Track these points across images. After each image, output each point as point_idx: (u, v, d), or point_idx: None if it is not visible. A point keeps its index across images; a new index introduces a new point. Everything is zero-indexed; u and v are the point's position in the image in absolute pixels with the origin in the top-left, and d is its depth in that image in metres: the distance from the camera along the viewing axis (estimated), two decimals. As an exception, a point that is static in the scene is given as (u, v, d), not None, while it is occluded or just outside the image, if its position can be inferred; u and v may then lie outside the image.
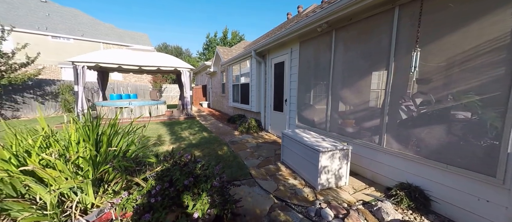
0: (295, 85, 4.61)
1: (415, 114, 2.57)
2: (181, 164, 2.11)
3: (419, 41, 2.24)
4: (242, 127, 6.17)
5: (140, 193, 1.70)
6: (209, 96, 14.57)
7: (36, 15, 21.75)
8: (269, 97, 5.96)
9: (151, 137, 5.73)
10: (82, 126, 1.96)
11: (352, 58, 3.26)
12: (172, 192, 1.67)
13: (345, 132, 3.43)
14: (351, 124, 3.38)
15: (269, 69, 5.85)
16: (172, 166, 1.96)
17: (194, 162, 2.24)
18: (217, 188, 1.89)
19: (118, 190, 1.80)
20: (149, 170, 1.96)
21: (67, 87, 11.59)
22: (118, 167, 1.78)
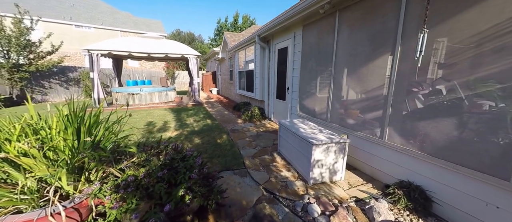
0: (298, 73, 4.35)
1: (421, 105, 2.27)
2: (161, 154, 2.08)
3: (428, 21, 1.90)
4: (245, 115, 6.09)
5: (115, 183, 1.70)
6: (218, 83, 14.58)
7: (62, 6, 22.83)
8: (273, 85, 5.75)
9: (156, 123, 5.90)
10: (63, 116, 1.96)
11: (355, 42, 2.94)
12: (147, 183, 1.64)
13: (346, 123, 3.19)
14: (352, 114, 3.12)
15: (273, 56, 5.59)
16: (151, 157, 1.93)
17: (178, 151, 2.20)
18: (195, 180, 1.84)
19: (95, 179, 1.82)
20: (127, 160, 1.96)
21: (87, 73, 12.24)
22: (92, 157, 1.77)
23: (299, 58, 4.27)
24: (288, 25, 4.45)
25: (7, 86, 9.48)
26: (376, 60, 2.72)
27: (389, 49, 2.49)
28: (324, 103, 3.61)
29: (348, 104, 3.19)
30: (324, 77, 3.59)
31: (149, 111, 7.73)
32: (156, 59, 9.52)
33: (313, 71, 3.90)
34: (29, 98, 2.12)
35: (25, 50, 9.64)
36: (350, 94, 3.17)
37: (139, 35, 9.29)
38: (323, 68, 3.61)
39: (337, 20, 3.22)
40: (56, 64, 10.68)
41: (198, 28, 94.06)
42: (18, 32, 8.91)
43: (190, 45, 33.13)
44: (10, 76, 9.22)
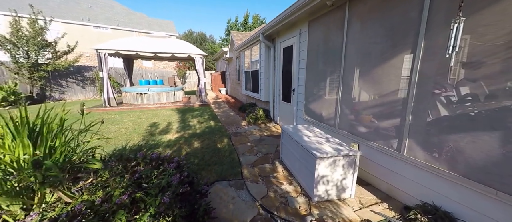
0: (303, 73, 3.97)
1: (451, 114, 1.84)
2: (136, 168, 1.83)
3: (464, 8, 1.48)
4: (249, 117, 5.80)
5: (62, 211, 1.35)
6: (227, 83, 14.43)
7: (80, 7, 23.85)
8: (278, 86, 5.40)
9: (160, 124, 5.78)
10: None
11: (368, 38, 2.53)
12: (106, 209, 1.37)
13: (357, 131, 2.78)
14: (364, 121, 2.71)
15: (278, 55, 5.23)
16: (116, 175, 1.67)
17: (155, 165, 1.94)
18: (168, 204, 1.55)
19: (47, 203, 1.50)
20: (84, 181, 1.67)
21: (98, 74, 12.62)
22: (28, 177, 1.42)
23: (305, 57, 3.89)
24: (293, 20, 4.07)
25: (28, 85, 9.91)
26: (392, 59, 2.30)
27: (409, 46, 2.07)
28: (332, 108, 3.21)
29: (359, 109, 2.78)
30: (332, 79, 3.20)
31: (156, 111, 7.68)
32: (163, 59, 9.51)
33: (320, 71, 3.51)
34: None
35: (45, 50, 10.01)
36: (361, 98, 2.76)
37: (147, 35, 9.31)
38: (331, 68, 3.21)
39: (346, 13, 2.81)
40: (72, 63, 11.03)
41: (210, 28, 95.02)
42: (33, 32, 9.23)
43: (202, 45, 33.41)
44: (30, 75, 9.62)
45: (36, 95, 10.46)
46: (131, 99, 8.84)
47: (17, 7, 10.73)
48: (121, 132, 5.07)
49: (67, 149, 1.78)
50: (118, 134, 4.91)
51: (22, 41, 9.06)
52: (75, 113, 7.17)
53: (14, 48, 8.93)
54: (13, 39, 8.88)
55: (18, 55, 9.17)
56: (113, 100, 8.21)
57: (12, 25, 8.80)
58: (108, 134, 4.95)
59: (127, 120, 6.34)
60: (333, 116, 3.17)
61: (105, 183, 1.56)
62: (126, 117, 6.77)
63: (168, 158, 2.43)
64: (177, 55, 8.56)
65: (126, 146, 4.16)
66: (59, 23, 20.86)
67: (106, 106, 8.01)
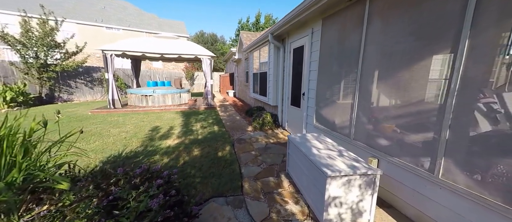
0: (315, 76, 3.61)
1: (505, 128, 1.43)
2: (104, 192, 1.53)
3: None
4: (256, 122, 5.47)
5: None
6: (235, 85, 14.21)
7: (94, 8, 24.54)
8: (287, 90, 5.04)
9: (161, 128, 5.58)
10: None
11: (392, 36, 2.14)
12: None
13: (376, 144, 2.38)
14: (385, 131, 2.31)
15: (288, 56, 4.89)
16: (81, 199, 1.38)
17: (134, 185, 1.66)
18: None
19: None
20: (47, 205, 1.36)
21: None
22: None
23: (317, 58, 3.53)
24: (305, 19, 3.73)
25: (37, 86, 10.05)
26: (423, 61, 1.90)
27: (448, 45, 1.68)
28: (346, 115, 2.83)
29: (379, 117, 2.38)
30: (347, 82, 2.82)
31: (160, 114, 7.53)
32: (170, 60, 9.42)
33: (333, 74, 3.13)
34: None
35: (54, 50, 10.12)
36: (382, 105, 2.36)
37: (154, 35, 9.24)
38: (346, 71, 2.83)
39: (367, 9, 2.44)
40: (80, 64, 11.13)
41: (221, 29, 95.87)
42: (42, 33, 9.32)
43: (213, 46, 33.56)
44: (39, 75, 9.76)
45: (45, 96, 10.64)
46: (136, 101, 8.78)
47: (29, 7, 11.02)
48: (121, 136, 4.88)
49: (31, 166, 1.53)
50: (117, 138, 4.72)
51: (31, 41, 9.16)
52: (72, 114, 7.23)
53: (23, 48, 9.05)
54: (23, 40, 8.99)
55: (28, 55, 9.28)
56: (118, 102, 8.16)
57: (22, 26, 8.92)
58: (108, 137, 4.78)
59: (129, 123, 6.19)
60: (348, 125, 2.78)
61: (68, 208, 1.28)
62: (129, 120, 6.63)
63: (157, 171, 2.16)
64: (184, 56, 8.41)
65: (122, 152, 3.94)
66: (73, 24, 21.52)
67: (111, 108, 7.95)
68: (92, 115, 7.28)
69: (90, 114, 7.49)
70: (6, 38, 8.70)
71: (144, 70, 15.84)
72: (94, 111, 7.70)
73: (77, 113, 7.72)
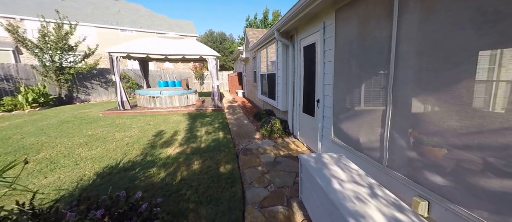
0: (330, 79, 3.03)
1: None
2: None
3: None
4: (264, 129, 4.97)
5: None
6: (243, 85, 13.75)
7: (109, 12, 25.28)
8: (298, 94, 4.48)
9: (165, 133, 5.25)
10: None
11: (441, 27, 1.53)
12: None
13: (425, 178, 1.76)
14: (439, 161, 1.71)
15: (298, 55, 4.31)
16: None
17: None
18: None
19: None
20: None
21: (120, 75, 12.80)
22: None
23: (332, 58, 2.94)
24: (314, 11, 3.14)
25: (56, 87, 10.30)
26: (497, 57, 1.30)
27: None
28: (375, 132, 2.24)
29: (429, 142, 1.77)
30: (374, 89, 2.23)
31: (166, 116, 7.25)
32: (175, 60, 9.15)
33: (353, 77, 2.54)
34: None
35: (68, 53, 10.28)
36: (431, 119, 1.74)
37: (159, 35, 8.99)
38: (371, 74, 2.25)
39: (402, -6, 1.84)
40: (93, 66, 11.26)
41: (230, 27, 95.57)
42: (56, 37, 9.46)
43: (221, 45, 33.32)
44: (57, 77, 9.96)
45: (64, 97, 10.88)
46: (145, 102, 8.60)
47: (44, 13, 11.21)
48: (123, 142, 4.63)
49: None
50: (119, 144, 4.48)
51: (47, 45, 9.35)
52: (85, 116, 7.11)
53: (40, 52, 9.24)
54: (40, 44, 9.19)
55: (45, 59, 9.50)
56: (127, 104, 8.01)
57: (40, 31, 9.10)
58: (111, 143, 4.57)
59: (135, 126, 5.97)
60: (378, 146, 2.19)
61: None
62: (136, 122, 6.43)
63: (137, 200, 1.74)
64: (188, 57, 8.07)
65: (120, 162, 3.64)
66: (92, 28, 22.28)
67: (120, 110, 7.82)
68: (103, 117, 7.20)
69: (101, 115, 7.41)
70: (25, 43, 8.89)
71: (155, 70, 15.87)
72: (105, 112, 7.61)
73: (90, 114, 7.69)
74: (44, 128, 5.78)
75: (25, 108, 8.04)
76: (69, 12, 21.82)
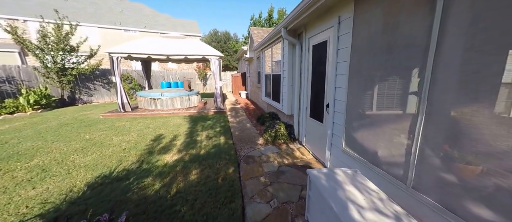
0: (344, 82, 2.71)
1: None
2: None
3: None
4: (268, 134, 4.68)
5: None
6: (247, 86, 13.47)
7: (113, 12, 25.39)
8: (305, 97, 4.16)
9: (164, 138, 5.03)
10: None
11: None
12: None
13: (465, 209, 1.44)
14: (488, 183, 1.38)
15: (306, 55, 4.00)
16: None
17: None
18: None
19: None
20: None
21: (122, 76, 12.70)
22: None
23: (347, 58, 2.63)
24: (329, 3, 2.82)
25: (59, 89, 10.22)
26: None
27: None
28: (399, 145, 1.92)
29: (473, 160, 1.44)
30: (401, 93, 1.91)
31: (167, 119, 7.04)
32: (177, 61, 8.95)
33: (374, 80, 2.22)
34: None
35: (70, 54, 10.19)
36: (481, 138, 1.39)
37: (161, 35, 8.79)
38: (400, 76, 1.92)
39: (440, -21, 1.51)
40: (95, 67, 11.15)
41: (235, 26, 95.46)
42: (56, 38, 9.35)
43: (226, 44, 33.14)
44: (58, 79, 9.88)
45: (67, 98, 10.81)
46: (146, 104, 8.41)
47: (47, 14, 11.18)
48: (120, 147, 4.43)
49: None
50: (116, 150, 4.27)
51: (48, 46, 9.26)
52: (85, 118, 6.65)
53: (41, 53, 9.16)
54: (41, 45, 9.10)
55: (46, 60, 9.42)
56: (128, 106, 7.84)
57: (39, 32, 9.00)
58: (107, 148, 4.38)
59: (134, 130, 5.77)
60: (402, 161, 1.87)
61: None
62: (136, 125, 6.23)
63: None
64: (191, 57, 7.84)
65: (114, 170, 3.42)
66: (95, 28, 22.39)
67: (121, 112, 7.65)
68: (103, 119, 7.04)
69: (101, 118, 7.26)
70: (25, 44, 8.82)
71: (158, 71, 15.74)
72: (105, 114, 7.45)
73: (90, 116, 7.54)
74: (42, 131, 5.62)
75: (27, 110, 7.95)
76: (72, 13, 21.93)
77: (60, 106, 10.01)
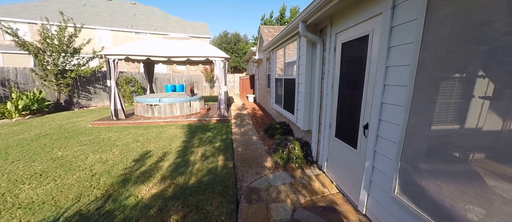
0: (401, 96, 1.69)
1: None
2: None
3: None
4: (278, 155, 3.68)
5: None
6: (255, 89, 12.51)
7: (126, 16, 25.71)
8: (328, 110, 3.11)
9: (151, 156, 4.16)
10: None
11: None
12: None
13: None
14: None
15: (331, 56, 2.96)
16: None
17: None
18: None
19: None
20: None
21: (125, 79, 12.19)
22: None
23: (409, 60, 1.60)
24: None
25: (56, 92, 9.79)
26: None
27: None
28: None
29: None
30: None
31: (162, 129, 6.19)
32: (178, 63, 8.20)
33: (470, 96, 1.18)
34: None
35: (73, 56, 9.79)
36: None
37: (163, 36, 8.06)
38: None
39: None
40: (96, 69, 10.65)
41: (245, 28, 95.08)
42: (58, 39, 8.95)
43: (235, 46, 32.49)
44: (57, 82, 9.46)
45: (64, 102, 10.37)
46: (142, 111, 7.68)
47: (51, 16, 10.87)
48: (91, 172, 3.49)
49: None
50: (83, 176, 3.33)
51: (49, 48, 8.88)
52: (71, 127, 5.71)
53: (42, 55, 8.77)
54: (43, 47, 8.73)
55: (46, 63, 9.04)
56: (121, 112, 7.12)
57: (41, 33, 8.63)
58: (74, 172, 3.46)
59: (119, 144, 4.90)
60: None
61: None
62: (123, 138, 5.39)
63: None
64: (194, 59, 7.02)
65: (65, 212, 2.50)
66: (108, 31, 22.64)
67: (113, 119, 6.94)
68: (90, 128, 6.31)
69: (90, 126, 6.57)
70: (26, 46, 8.45)
71: (163, 74, 15.21)
72: (95, 122, 6.76)
73: (78, 125, 6.85)
74: (11, 145, 4.79)
75: (13, 116, 7.41)
76: (88, 17, 22.39)
77: (54, 112, 9.40)
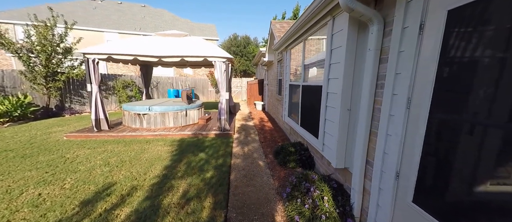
0: None
1: None
2: None
3: None
4: (294, 206, 2.27)
5: None
6: (264, 96, 11.17)
7: (135, 18, 25.58)
8: (394, 145, 1.67)
9: (111, 195, 2.90)
10: None
11: None
12: None
13: None
14: None
15: (408, 43, 1.55)
16: None
17: None
18: None
19: None
20: None
21: (122, 82, 11.27)
22: None
23: None
24: None
25: (45, 96, 8.94)
26: None
27: None
28: None
29: None
30: None
31: (146, 147, 4.95)
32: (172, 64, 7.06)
33: None
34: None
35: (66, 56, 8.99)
36: None
37: (160, 34, 6.94)
38: None
39: None
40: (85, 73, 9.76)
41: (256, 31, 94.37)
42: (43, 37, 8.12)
43: (245, 49, 31.47)
44: (46, 85, 8.62)
45: (54, 108, 9.51)
46: (129, 121, 6.52)
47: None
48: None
49: None
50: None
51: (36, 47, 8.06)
52: (42, 141, 4.34)
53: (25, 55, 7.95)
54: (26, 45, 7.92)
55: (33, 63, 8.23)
56: (104, 123, 5.99)
57: (25, 31, 7.83)
58: None
59: (81, 168, 3.70)
60: None
61: None
62: (92, 159, 4.14)
63: None
64: (189, 59, 5.80)
65: None
66: (116, 34, 22.42)
67: (94, 131, 5.81)
68: (62, 142, 5.18)
69: (65, 139, 5.48)
70: (6, 45, 7.66)
71: (166, 78, 14.25)
72: (71, 134, 5.66)
73: (50, 137, 5.71)
74: None
75: None
76: (98, 20, 22.31)
77: (41, 118, 8.48)
